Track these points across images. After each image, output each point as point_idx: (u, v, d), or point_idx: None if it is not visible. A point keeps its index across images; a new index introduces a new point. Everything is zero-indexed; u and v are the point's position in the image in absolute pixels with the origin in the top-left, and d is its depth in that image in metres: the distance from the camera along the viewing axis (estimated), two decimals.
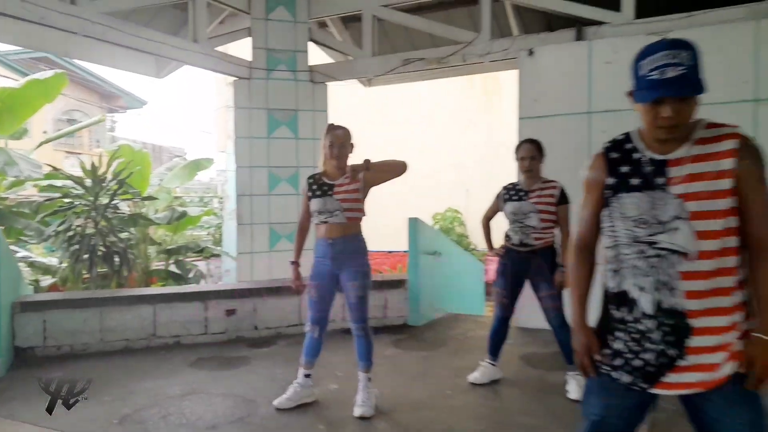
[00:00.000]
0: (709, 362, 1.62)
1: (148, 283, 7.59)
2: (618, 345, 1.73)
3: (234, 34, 6.90)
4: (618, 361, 1.73)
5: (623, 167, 1.74)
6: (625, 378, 1.71)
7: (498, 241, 4.00)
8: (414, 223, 5.77)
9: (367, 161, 3.32)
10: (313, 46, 6.96)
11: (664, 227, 1.64)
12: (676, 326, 1.63)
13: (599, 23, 5.34)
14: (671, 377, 1.65)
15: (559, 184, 3.70)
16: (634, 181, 1.71)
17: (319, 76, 6.79)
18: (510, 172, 4.31)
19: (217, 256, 9.48)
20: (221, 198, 13.37)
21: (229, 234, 9.42)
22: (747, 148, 1.63)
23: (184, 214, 7.99)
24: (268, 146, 6.66)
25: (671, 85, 1.58)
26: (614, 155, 1.78)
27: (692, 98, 1.63)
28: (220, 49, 6.58)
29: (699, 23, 4.89)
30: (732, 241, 1.63)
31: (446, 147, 12.56)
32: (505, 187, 3.89)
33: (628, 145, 1.76)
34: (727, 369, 1.62)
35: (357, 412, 3.35)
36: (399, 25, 6.72)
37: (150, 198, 7.64)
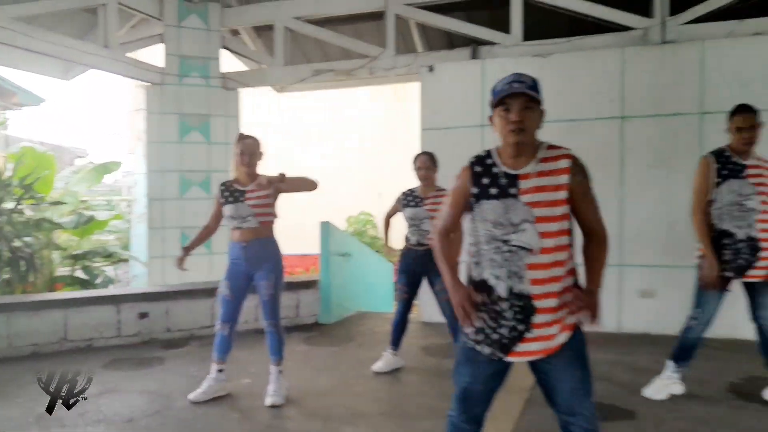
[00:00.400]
0: (548, 334, 2.06)
1: (52, 289, 7.42)
2: (479, 323, 2.13)
3: (146, 39, 6.93)
4: (480, 337, 2.13)
5: (484, 179, 2.14)
6: (486, 350, 2.12)
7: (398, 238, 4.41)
8: (325, 227, 6.08)
9: (282, 175, 3.59)
10: (226, 52, 7.11)
11: (516, 228, 2.06)
12: (524, 306, 2.05)
13: (492, 43, 5.90)
14: (521, 347, 2.07)
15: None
16: (493, 191, 2.11)
17: (232, 83, 6.96)
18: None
19: (126, 260, 9.34)
20: (129, 201, 13.05)
21: (138, 238, 9.32)
22: (577, 166, 2.09)
23: (91, 219, 7.87)
24: (180, 151, 6.75)
25: (516, 92, 2.01)
26: (478, 169, 2.17)
27: (536, 110, 2.06)
28: (132, 54, 6.60)
29: (576, 48, 5.55)
30: (564, 240, 2.07)
31: (360, 152, 12.96)
32: (404, 193, 4.29)
33: (489, 161, 2.17)
34: (562, 338, 2.07)
35: (268, 401, 3.62)
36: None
37: (58, 203, 7.48)
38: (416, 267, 4.21)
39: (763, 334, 3.52)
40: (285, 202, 3.82)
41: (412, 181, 4.31)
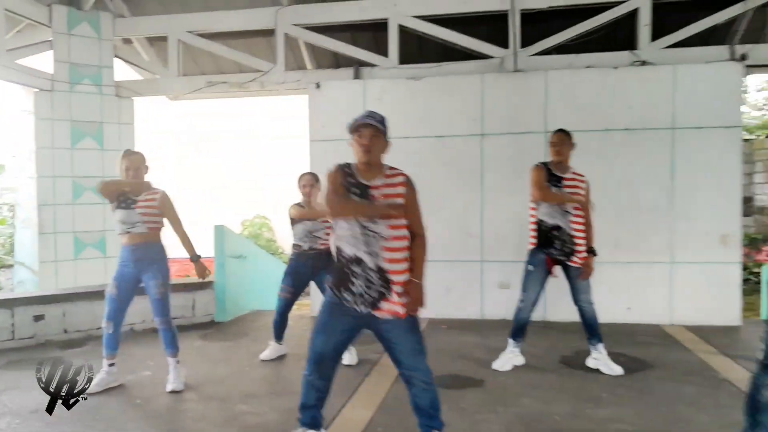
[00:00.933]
0: (396, 301, 2.72)
1: None
2: (353, 288, 2.75)
3: (35, 46, 6.94)
4: (352, 297, 2.76)
5: (348, 180, 2.78)
6: (360, 307, 2.75)
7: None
8: (219, 230, 6.48)
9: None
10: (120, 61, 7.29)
11: (374, 225, 2.71)
12: (383, 277, 2.71)
13: (373, 65, 6.59)
14: (382, 305, 2.74)
15: None
16: (355, 192, 2.74)
17: (126, 91, 7.15)
18: None
19: (10, 266, 9.12)
20: (12, 206, 12.52)
21: (23, 244, 9.14)
22: (410, 183, 2.82)
23: None
24: (72, 157, 6.86)
25: (367, 120, 2.72)
26: (347, 170, 2.80)
27: (381, 139, 2.77)
28: (21, 60, 6.62)
29: (444, 72, 6.35)
30: (402, 232, 2.75)
31: (257, 157, 13.30)
32: (294, 204, 4.84)
33: (349, 170, 2.80)
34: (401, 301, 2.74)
35: (169, 387, 4.04)
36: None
37: None
38: (305, 270, 4.77)
39: (584, 315, 4.44)
40: (182, 209, 4.25)
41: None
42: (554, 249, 4.31)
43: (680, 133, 5.87)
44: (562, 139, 4.34)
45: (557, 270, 4.43)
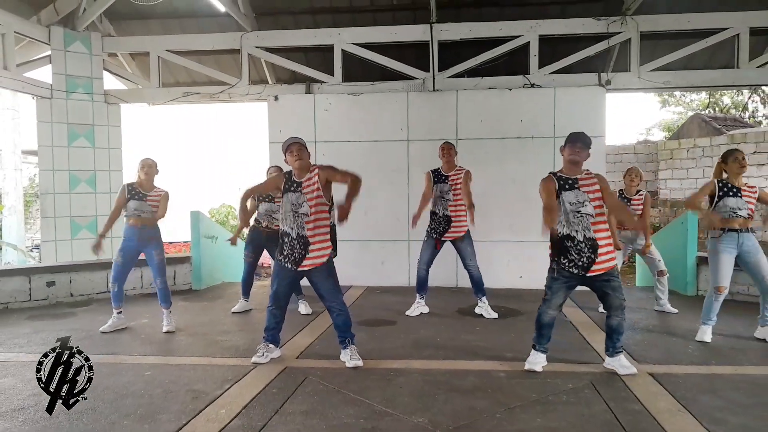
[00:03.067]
0: (318, 256, 4.29)
1: None
2: (284, 251, 4.29)
3: (38, 61, 8.23)
4: (285, 258, 4.29)
5: (288, 183, 4.31)
6: (289, 265, 4.29)
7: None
8: (195, 215, 7.93)
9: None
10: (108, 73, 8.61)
11: (299, 206, 4.24)
12: (305, 242, 4.25)
13: (321, 82, 8.12)
14: (305, 262, 4.28)
15: None
16: (291, 189, 4.28)
17: (113, 99, 8.49)
18: None
19: None
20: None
21: (10, 229, 10.44)
22: (321, 168, 4.34)
23: None
24: (69, 154, 8.18)
25: (293, 140, 4.25)
26: (287, 176, 4.33)
27: (305, 151, 4.30)
28: (26, 72, 7.91)
29: (378, 90, 7.93)
30: (323, 209, 4.31)
31: (226, 152, 14.69)
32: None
33: (288, 175, 4.33)
34: (323, 261, 4.30)
35: (165, 329, 5.50)
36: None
37: None
38: (261, 242, 6.28)
39: (472, 276, 6.08)
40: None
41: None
42: (433, 230, 5.95)
43: (559, 140, 7.58)
44: (450, 147, 5.95)
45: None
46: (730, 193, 4.80)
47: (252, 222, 6.37)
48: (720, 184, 4.85)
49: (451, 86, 7.90)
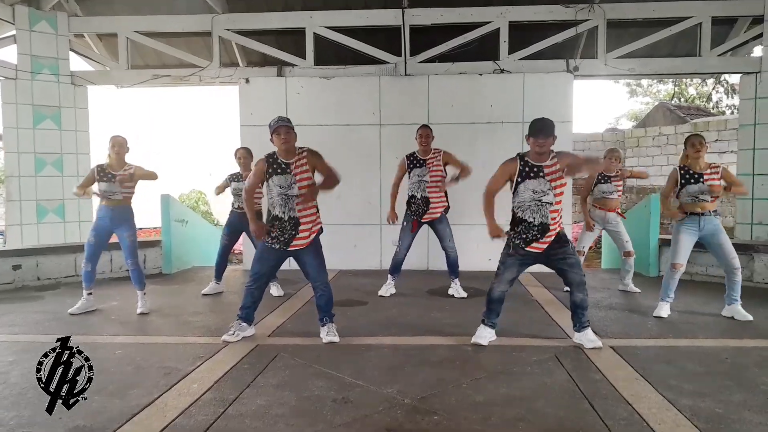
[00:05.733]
0: (306, 236, 4.34)
1: None
2: (274, 234, 4.30)
3: (1, 41, 8.02)
4: (274, 240, 4.31)
5: (273, 166, 4.30)
6: (277, 246, 4.32)
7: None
8: (165, 199, 7.87)
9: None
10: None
11: (289, 188, 4.25)
12: (295, 223, 4.30)
13: (293, 65, 8.10)
14: (294, 243, 4.32)
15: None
16: (278, 171, 4.28)
17: (80, 80, 8.34)
18: None
19: None
20: None
21: None
22: (310, 152, 4.38)
23: None
24: (35, 136, 8.03)
25: (281, 123, 4.24)
26: (270, 160, 4.32)
27: (292, 133, 4.28)
28: None
29: (350, 74, 7.95)
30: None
31: (196, 138, 14.56)
32: (231, 174, 6.32)
33: (274, 158, 4.32)
34: (311, 239, 4.35)
35: (139, 310, 5.46)
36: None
37: None
38: (238, 224, 6.29)
39: (449, 256, 6.18)
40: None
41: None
42: (414, 213, 6.04)
43: (527, 126, 7.72)
44: (428, 132, 6.02)
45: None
46: (692, 180, 4.99)
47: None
48: (682, 172, 5.04)
49: (423, 71, 7.96)
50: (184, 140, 14.56)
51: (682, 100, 23.17)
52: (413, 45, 7.99)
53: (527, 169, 4.10)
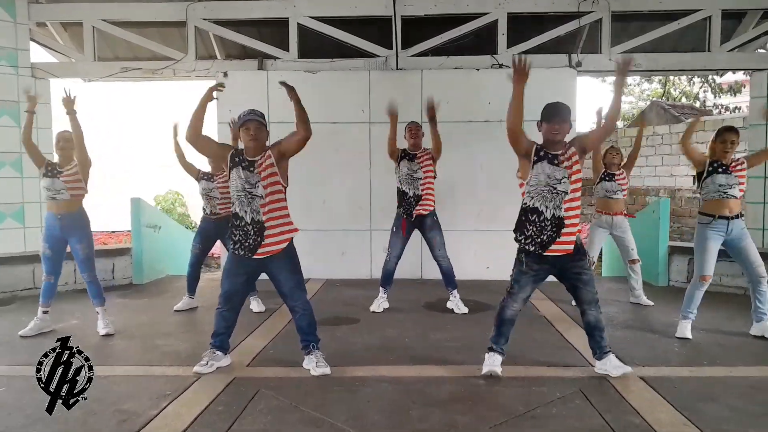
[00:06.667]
0: (275, 242, 3.74)
1: None
2: (235, 236, 3.71)
3: None
4: (238, 245, 3.72)
5: (237, 158, 3.71)
6: (242, 252, 3.72)
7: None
8: (136, 202, 7.21)
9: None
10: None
11: (253, 187, 3.66)
12: (260, 228, 3.68)
13: (275, 58, 7.48)
14: (260, 251, 3.71)
15: None
16: (241, 167, 3.68)
17: (41, 73, 7.63)
18: None
19: None
20: None
21: None
22: (273, 147, 3.77)
23: None
24: None
25: (251, 117, 3.63)
26: (234, 153, 3.73)
27: (263, 129, 3.71)
28: None
29: (337, 68, 7.36)
30: (280, 194, 3.75)
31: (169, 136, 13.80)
32: (201, 172, 5.71)
33: (240, 154, 3.73)
34: (281, 246, 3.75)
35: (102, 332, 4.82)
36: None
37: None
38: (210, 231, 5.68)
39: (441, 267, 5.64)
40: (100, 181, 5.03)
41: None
42: (404, 211, 5.50)
43: (528, 125, 7.17)
44: (418, 128, 5.51)
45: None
46: (720, 170, 4.53)
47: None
48: (710, 160, 4.58)
49: (416, 65, 7.39)
50: (162, 138, 13.84)
51: (669, 99, 22.90)
52: (405, 37, 7.42)
53: (542, 153, 3.64)
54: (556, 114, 3.61)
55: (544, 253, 3.63)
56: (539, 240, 3.61)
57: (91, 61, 7.68)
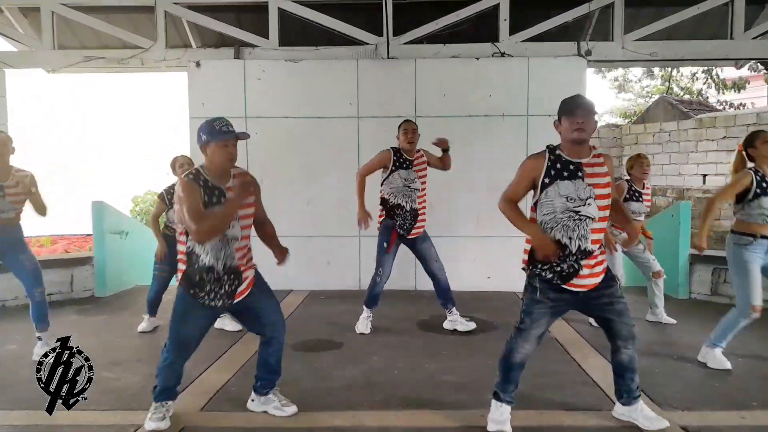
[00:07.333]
0: (248, 276, 3.06)
1: None
2: (205, 288, 2.95)
3: None
4: (210, 296, 2.96)
5: (201, 181, 2.91)
6: (218, 302, 2.98)
7: None
8: (98, 206, 6.49)
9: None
10: None
11: (230, 230, 2.94)
12: (236, 274, 2.98)
13: (254, 46, 6.76)
14: (239, 291, 3.01)
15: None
16: (214, 193, 2.92)
17: None
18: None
19: None
20: None
21: None
22: (254, 178, 3.09)
23: None
24: None
25: (233, 133, 2.91)
26: (196, 176, 2.92)
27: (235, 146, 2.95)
28: None
29: (321, 56, 6.65)
30: (247, 231, 3.04)
31: (147, 134, 13.07)
32: (166, 190, 4.99)
33: (201, 178, 2.92)
34: (251, 279, 3.07)
35: (35, 357, 4.12)
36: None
37: None
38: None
39: (440, 283, 4.94)
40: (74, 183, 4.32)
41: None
42: (400, 227, 4.78)
43: (533, 119, 6.51)
44: (416, 129, 4.81)
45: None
46: None
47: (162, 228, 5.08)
48: (758, 177, 3.82)
49: (409, 54, 6.68)
50: (142, 135, 13.08)
51: (672, 95, 22.24)
52: (397, 23, 6.69)
53: (559, 165, 2.86)
54: (578, 106, 2.84)
55: (564, 286, 2.92)
56: (559, 269, 2.88)
57: (50, 50, 6.94)
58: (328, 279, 6.69)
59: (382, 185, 4.88)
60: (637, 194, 4.99)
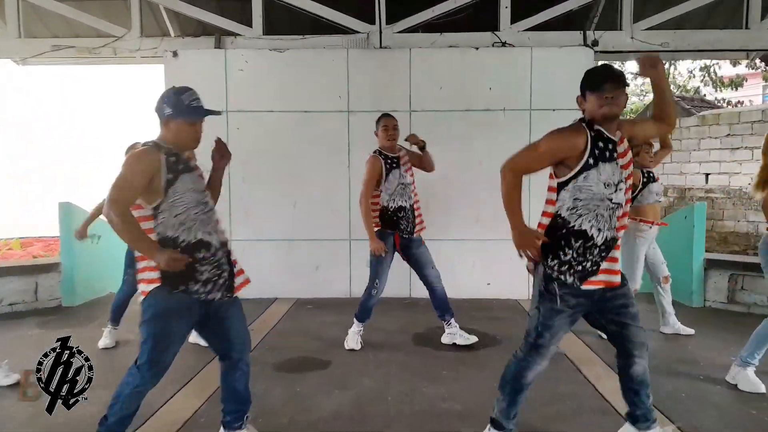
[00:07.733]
0: (241, 268, 2.68)
1: None
2: (203, 276, 2.52)
3: None
4: (208, 287, 2.55)
5: (172, 158, 2.51)
6: (216, 295, 2.58)
7: None
8: (66, 207, 5.99)
9: None
10: None
11: (205, 196, 2.62)
12: (228, 253, 2.64)
13: (236, 34, 6.27)
14: (237, 281, 2.66)
15: None
16: (181, 168, 2.54)
17: None
18: None
19: None
20: None
21: None
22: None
23: None
24: None
25: (204, 112, 2.58)
26: (168, 156, 2.51)
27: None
28: None
29: (309, 45, 6.18)
30: None
31: (122, 131, 12.53)
32: None
33: (172, 155, 2.52)
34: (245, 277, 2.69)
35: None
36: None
37: None
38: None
39: (436, 293, 4.49)
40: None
41: None
42: (404, 230, 4.34)
43: (536, 113, 6.06)
44: (394, 122, 4.37)
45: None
46: None
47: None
48: None
49: (403, 43, 6.21)
50: (126, 129, 12.56)
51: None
52: (390, 11, 6.24)
53: (601, 144, 2.46)
54: (608, 76, 2.44)
55: (582, 286, 2.48)
56: (580, 268, 2.47)
57: (14, 38, 6.42)
58: (316, 286, 6.23)
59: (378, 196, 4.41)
60: (650, 175, 4.56)
